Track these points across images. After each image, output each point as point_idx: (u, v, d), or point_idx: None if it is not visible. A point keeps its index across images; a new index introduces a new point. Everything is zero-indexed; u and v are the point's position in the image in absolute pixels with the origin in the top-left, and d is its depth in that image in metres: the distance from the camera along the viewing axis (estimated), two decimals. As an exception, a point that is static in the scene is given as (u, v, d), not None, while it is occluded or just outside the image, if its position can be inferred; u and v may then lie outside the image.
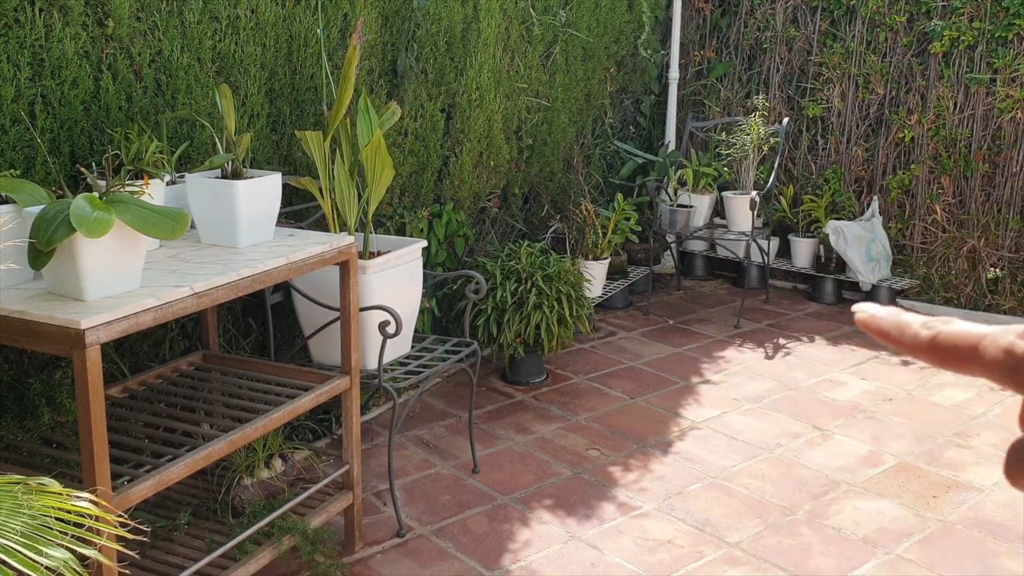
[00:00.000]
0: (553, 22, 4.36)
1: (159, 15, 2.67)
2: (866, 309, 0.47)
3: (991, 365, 0.42)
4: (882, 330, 0.46)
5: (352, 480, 2.62)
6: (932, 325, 0.45)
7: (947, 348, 0.44)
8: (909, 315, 0.46)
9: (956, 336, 0.44)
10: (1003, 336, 0.42)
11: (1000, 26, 4.49)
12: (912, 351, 0.45)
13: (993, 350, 0.42)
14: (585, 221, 4.43)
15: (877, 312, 0.47)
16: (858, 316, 0.47)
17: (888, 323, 0.46)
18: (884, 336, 0.46)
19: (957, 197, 4.76)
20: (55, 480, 1.35)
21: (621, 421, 3.56)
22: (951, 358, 0.44)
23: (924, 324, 0.45)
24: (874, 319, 0.46)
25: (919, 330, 0.45)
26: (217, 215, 2.33)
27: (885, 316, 0.46)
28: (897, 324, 0.46)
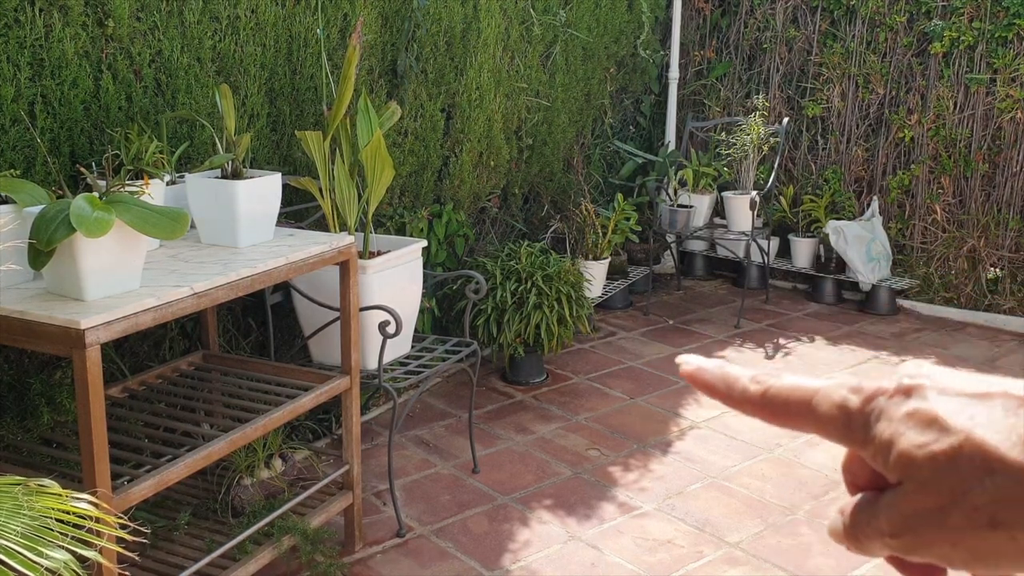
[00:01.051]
0: (553, 22, 4.36)
1: (159, 15, 2.67)
2: (691, 361, 0.44)
3: (824, 421, 0.40)
4: (709, 384, 0.43)
5: (352, 480, 2.62)
6: (761, 379, 0.42)
7: (779, 404, 0.42)
8: (736, 368, 0.43)
9: (787, 391, 0.41)
10: (836, 391, 0.40)
11: (1000, 26, 4.49)
12: (742, 407, 0.43)
13: (826, 406, 0.40)
14: (585, 221, 4.43)
15: (703, 364, 0.44)
16: (683, 369, 0.44)
17: (715, 377, 0.43)
18: (711, 391, 0.43)
19: (957, 197, 4.76)
20: (55, 480, 1.35)
21: (621, 421, 3.56)
22: (783, 414, 0.42)
23: (753, 378, 0.42)
24: (700, 372, 0.44)
25: (748, 384, 0.42)
26: (217, 215, 2.33)
27: (711, 369, 0.43)
28: (724, 378, 0.43)
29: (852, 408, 0.39)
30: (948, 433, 0.36)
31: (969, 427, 0.36)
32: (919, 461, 0.37)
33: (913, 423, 0.38)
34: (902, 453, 0.37)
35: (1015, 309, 4.62)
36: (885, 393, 0.39)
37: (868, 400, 0.39)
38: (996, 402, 0.37)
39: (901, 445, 0.37)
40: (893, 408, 0.39)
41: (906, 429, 0.38)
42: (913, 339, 4.48)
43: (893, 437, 0.38)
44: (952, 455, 0.36)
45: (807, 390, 0.41)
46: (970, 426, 0.36)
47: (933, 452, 0.36)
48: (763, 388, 0.42)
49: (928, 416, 0.37)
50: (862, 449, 0.39)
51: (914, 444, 0.37)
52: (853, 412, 0.39)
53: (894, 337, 4.50)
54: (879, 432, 0.38)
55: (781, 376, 0.42)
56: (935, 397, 0.38)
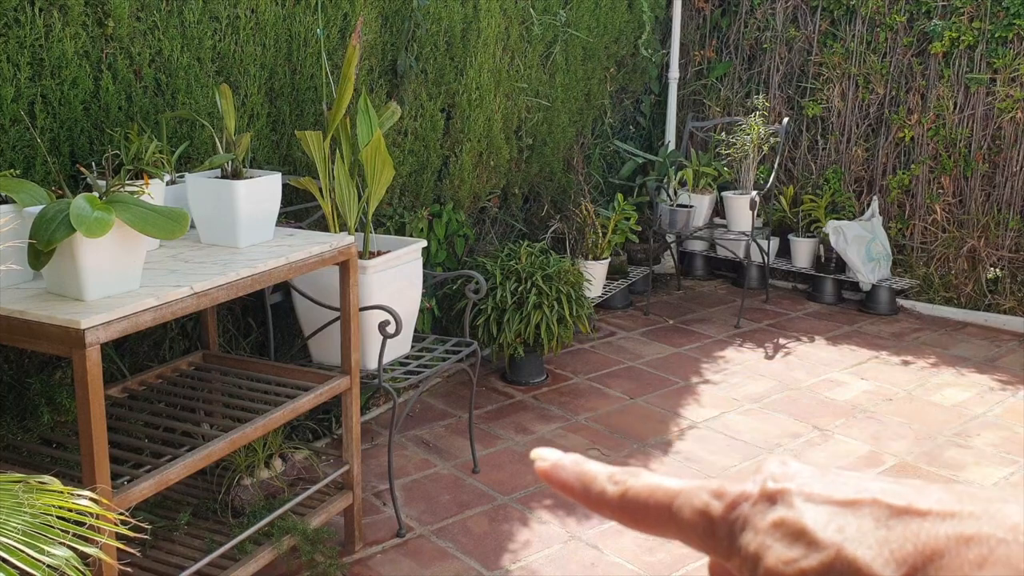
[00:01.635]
0: (553, 22, 4.36)
1: (159, 15, 2.67)
2: (547, 457, 0.41)
3: (686, 528, 0.37)
4: (565, 483, 0.40)
5: (352, 480, 2.62)
6: (620, 479, 0.39)
7: (639, 508, 0.39)
8: (594, 465, 0.40)
9: (647, 492, 0.38)
10: (697, 495, 0.37)
11: (1000, 26, 4.49)
12: (599, 509, 0.40)
13: (687, 512, 0.37)
14: (585, 221, 4.43)
15: (559, 461, 0.41)
16: (538, 465, 0.41)
17: (571, 474, 0.40)
18: (569, 491, 0.40)
19: (957, 197, 4.76)
20: (55, 479, 1.35)
21: (621, 421, 3.56)
22: (643, 519, 0.39)
23: (610, 477, 0.39)
24: (555, 470, 0.40)
25: (605, 485, 0.39)
26: (217, 215, 2.33)
27: (567, 467, 0.40)
28: (580, 477, 0.40)
29: (715, 515, 0.37)
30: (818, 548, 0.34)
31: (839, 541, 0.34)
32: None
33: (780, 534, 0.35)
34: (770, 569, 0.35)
35: (1015, 309, 4.62)
36: (749, 499, 0.36)
37: (731, 507, 0.36)
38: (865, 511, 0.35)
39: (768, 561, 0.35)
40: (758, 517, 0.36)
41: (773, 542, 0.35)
42: (913, 339, 4.47)
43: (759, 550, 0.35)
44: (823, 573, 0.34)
45: (667, 493, 0.38)
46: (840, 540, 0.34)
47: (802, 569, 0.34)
48: (621, 490, 0.39)
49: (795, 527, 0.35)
50: (727, 560, 0.37)
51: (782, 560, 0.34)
52: (716, 520, 0.37)
53: (894, 337, 4.49)
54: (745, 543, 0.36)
55: (640, 475, 0.39)
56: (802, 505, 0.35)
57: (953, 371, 4.08)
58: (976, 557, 0.31)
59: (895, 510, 0.34)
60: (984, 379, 4.00)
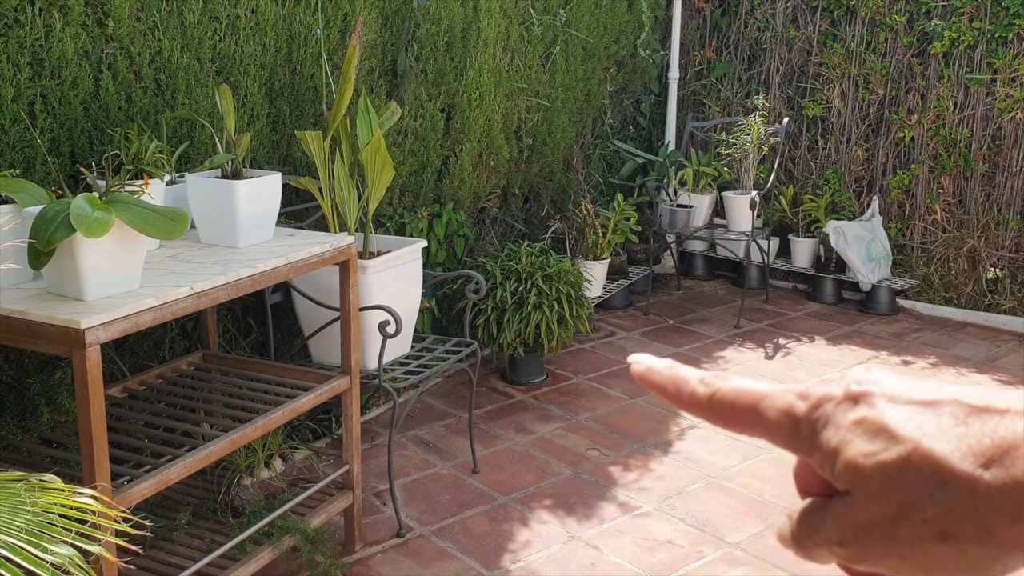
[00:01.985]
0: (553, 22, 4.36)
1: (159, 15, 2.67)
2: (641, 361, 0.43)
3: (771, 427, 0.39)
4: (658, 385, 0.42)
5: (352, 480, 2.62)
6: (710, 382, 0.41)
7: (726, 408, 0.41)
8: (686, 369, 0.42)
9: (735, 394, 0.40)
10: (782, 397, 0.39)
11: (1000, 26, 4.49)
12: (690, 409, 0.42)
13: (772, 412, 0.39)
14: (585, 221, 4.43)
15: (654, 365, 0.43)
16: (634, 368, 0.43)
17: (665, 377, 0.42)
18: (661, 392, 0.42)
19: (957, 197, 4.76)
20: (55, 479, 1.35)
21: (621, 421, 3.56)
22: (731, 418, 0.41)
23: (702, 380, 0.41)
24: (650, 372, 0.43)
25: (696, 387, 0.41)
26: (217, 215, 2.33)
27: (661, 370, 0.42)
28: (674, 379, 0.42)
29: (799, 414, 0.38)
30: (897, 442, 0.35)
31: (918, 436, 0.35)
32: (867, 471, 0.36)
33: (861, 431, 0.36)
34: (849, 462, 0.36)
35: (1015, 309, 4.62)
36: (833, 400, 0.38)
37: (815, 407, 0.38)
38: (945, 410, 0.36)
39: (848, 453, 0.36)
40: (840, 415, 0.37)
41: (854, 437, 0.36)
42: (913, 339, 4.48)
43: (840, 445, 0.37)
44: (901, 465, 0.35)
45: (754, 394, 0.40)
46: (919, 435, 0.35)
47: (882, 462, 0.35)
48: (711, 391, 0.41)
49: (876, 424, 0.36)
50: (809, 456, 0.39)
51: (862, 453, 0.36)
52: (800, 418, 0.38)
53: (894, 337, 4.49)
54: (826, 439, 0.37)
55: (729, 379, 0.41)
56: (883, 404, 0.37)
57: (953, 371, 4.08)
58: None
59: (974, 408, 0.35)
60: (984, 379, 4.00)
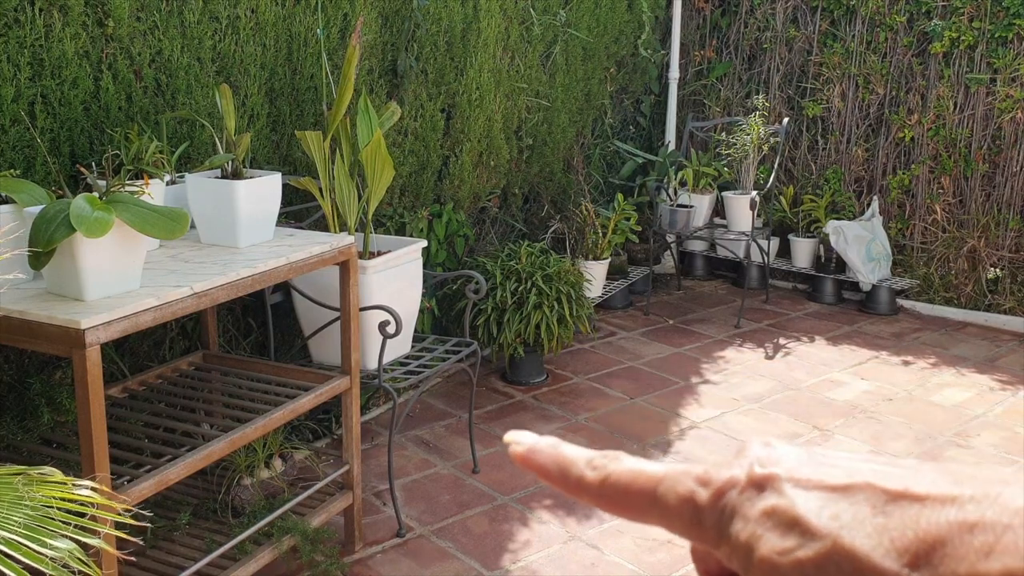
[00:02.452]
0: (553, 22, 4.36)
1: (159, 15, 2.67)
2: (522, 441, 0.39)
3: (671, 515, 0.36)
4: (542, 468, 0.38)
5: (352, 480, 2.62)
6: (599, 464, 0.38)
7: (619, 494, 0.37)
8: (572, 450, 0.38)
9: (629, 478, 0.37)
10: (682, 481, 0.36)
11: (1000, 26, 4.49)
12: (579, 495, 0.38)
13: (672, 498, 0.36)
14: (585, 221, 4.43)
15: (535, 445, 0.39)
16: (512, 449, 0.39)
17: (548, 459, 0.38)
18: (546, 476, 0.38)
19: (957, 197, 4.76)
20: (55, 476, 1.34)
21: (621, 421, 3.56)
22: (625, 505, 0.37)
23: (589, 463, 0.38)
24: (531, 454, 0.38)
25: (584, 471, 0.38)
26: (217, 215, 2.33)
27: (544, 450, 0.38)
28: (559, 462, 0.38)
29: (701, 503, 0.35)
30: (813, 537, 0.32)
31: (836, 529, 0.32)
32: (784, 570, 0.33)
33: (772, 524, 0.33)
34: (763, 559, 0.33)
35: (1015, 309, 4.62)
36: (736, 486, 0.35)
37: (718, 495, 0.35)
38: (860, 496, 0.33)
39: (762, 551, 0.33)
40: (747, 505, 0.34)
41: (764, 531, 0.33)
42: (913, 339, 4.47)
43: (751, 540, 0.34)
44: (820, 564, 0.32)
45: (650, 478, 0.37)
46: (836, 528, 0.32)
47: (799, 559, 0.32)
48: (601, 476, 0.38)
49: (788, 516, 0.33)
50: (715, 548, 0.35)
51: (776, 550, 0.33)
52: (703, 508, 0.35)
53: (894, 337, 4.49)
54: (735, 532, 0.34)
55: (621, 460, 0.38)
56: (792, 492, 0.34)
57: (953, 371, 4.08)
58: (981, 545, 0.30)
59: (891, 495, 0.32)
60: (984, 379, 4.00)
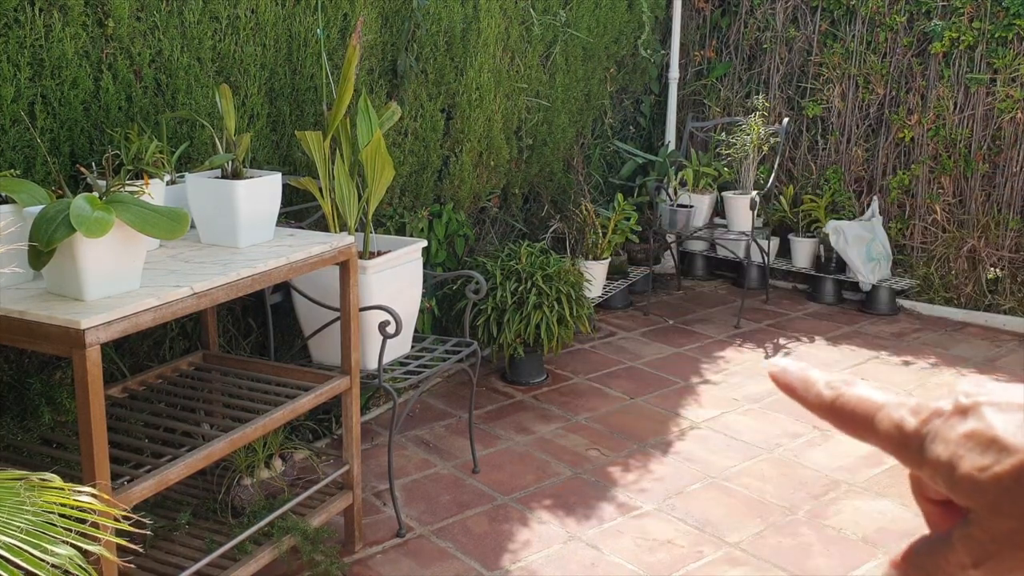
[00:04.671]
0: (553, 22, 4.36)
1: (159, 15, 2.67)
2: (777, 363, 0.46)
3: (883, 438, 0.41)
4: (789, 385, 0.45)
5: (352, 480, 2.62)
6: (835, 386, 0.43)
7: (846, 413, 0.43)
8: (815, 373, 0.45)
9: (855, 402, 0.42)
10: (896, 410, 0.41)
11: (1000, 26, 4.49)
12: (814, 409, 0.44)
13: (886, 423, 0.41)
14: (585, 221, 4.43)
15: (788, 367, 0.45)
16: (770, 371, 0.46)
17: (795, 378, 0.45)
18: (791, 391, 0.45)
19: (957, 197, 4.76)
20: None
21: (621, 421, 3.56)
22: (849, 423, 0.43)
23: (828, 384, 0.44)
24: (783, 374, 0.45)
25: (822, 389, 0.44)
26: (217, 215, 2.33)
27: (793, 371, 0.45)
28: (803, 380, 0.45)
29: (908, 429, 0.40)
30: (1008, 453, 0.36)
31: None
32: (983, 484, 0.37)
33: (971, 444, 0.37)
34: (964, 476, 0.37)
35: (1015, 309, 4.62)
36: (941, 415, 0.39)
37: (925, 422, 0.39)
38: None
39: (962, 468, 0.37)
40: (948, 429, 0.38)
41: (965, 451, 0.37)
42: (913, 339, 4.47)
43: (952, 460, 0.38)
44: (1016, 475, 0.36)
45: (872, 405, 0.42)
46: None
47: (996, 474, 0.36)
48: (834, 395, 0.43)
49: (986, 436, 0.37)
50: (918, 469, 0.40)
51: (975, 467, 0.37)
52: (909, 433, 0.40)
53: (894, 337, 4.49)
54: (936, 454, 0.38)
55: (854, 385, 0.43)
56: (992, 415, 0.38)
57: (953, 371, 4.08)
58: None
59: None
60: (984, 380, 3.99)
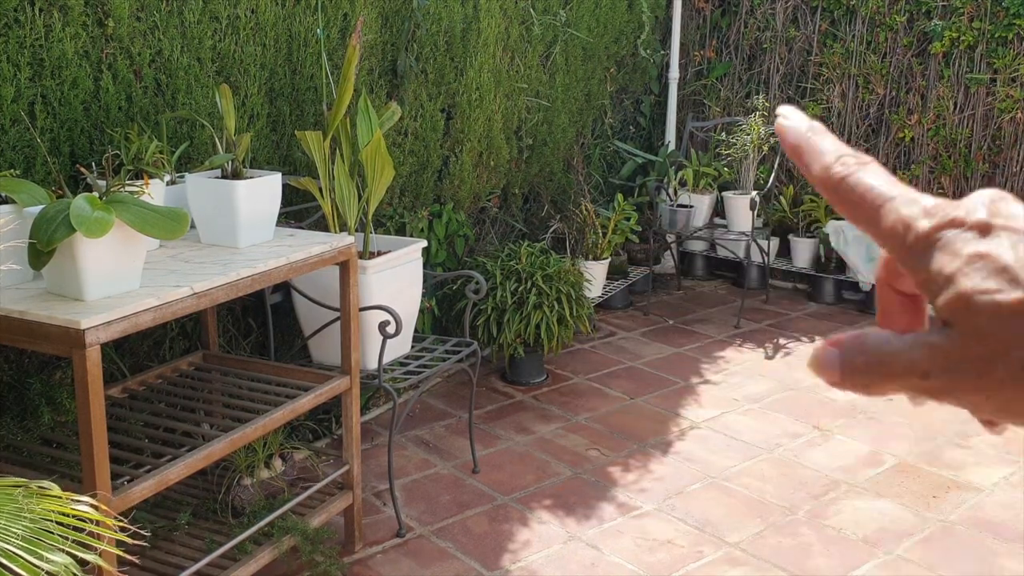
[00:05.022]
0: (553, 22, 4.36)
1: (159, 15, 2.67)
2: (789, 116, 0.41)
3: (886, 232, 0.38)
4: (795, 147, 0.40)
5: (352, 480, 2.62)
6: (847, 162, 0.39)
7: (852, 196, 0.39)
8: (828, 141, 0.40)
9: (863, 187, 0.38)
10: (909, 206, 0.37)
11: (1000, 26, 4.49)
12: (818, 183, 0.40)
13: (892, 217, 0.37)
14: (585, 221, 4.43)
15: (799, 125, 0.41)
16: (778, 122, 0.41)
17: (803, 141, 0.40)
18: (795, 153, 0.40)
19: (957, 197, 4.75)
20: (55, 480, 1.34)
21: (621, 421, 3.56)
22: (851, 206, 0.39)
23: (840, 159, 0.39)
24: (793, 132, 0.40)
25: (832, 163, 0.39)
26: (217, 215, 2.33)
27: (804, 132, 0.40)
28: (814, 147, 0.40)
29: (918, 230, 0.37)
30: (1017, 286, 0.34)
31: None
32: (979, 307, 0.34)
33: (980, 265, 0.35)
34: (962, 294, 0.35)
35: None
36: (960, 225, 0.36)
37: (938, 227, 0.36)
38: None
39: (962, 286, 0.35)
40: (961, 243, 0.36)
41: (971, 270, 0.35)
42: (913, 339, 4.47)
43: (955, 275, 0.35)
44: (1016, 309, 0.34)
45: (880, 196, 0.38)
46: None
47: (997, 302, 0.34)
48: (844, 174, 0.39)
49: (999, 263, 0.35)
50: (913, 273, 0.37)
51: (978, 289, 0.35)
52: (918, 235, 0.37)
53: (894, 337, 4.49)
54: (940, 264, 0.36)
55: (867, 167, 0.39)
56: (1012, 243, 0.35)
57: (953, 371, 4.07)
58: None
59: None
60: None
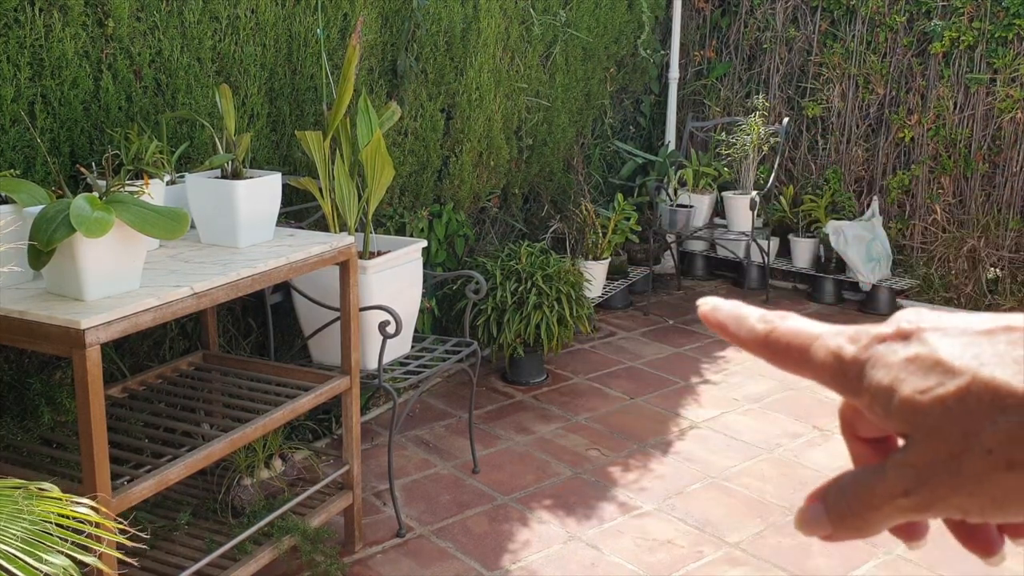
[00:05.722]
0: (553, 22, 4.36)
1: (159, 15, 2.67)
2: (708, 302, 0.44)
3: (818, 368, 0.39)
4: (720, 323, 0.43)
5: (352, 480, 2.62)
6: (768, 320, 0.42)
7: (781, 346, 0.41)
8: (748, 308, 0.43)
9: (790, 334, 0.41)
10: (833, 339, 0.39)
11: (1000, 26, 4.49)
12: (748, 346, 0.42)
13: (822, 353, 0.39)
14: (585, 221, 4.43)
15: (719, 305, 0.44)
16: (700, 310, 0.44)
17: (726, 315, 0.43)
18: (722, 330, 0.43)
19: (957, 197, 4.76)
20: (55, 481, 1.34)
21: (621, 421, 3.56)
22: (783, 357, 0.41)
23: (761, 318, 0.42)
24: (714, 312, 0.43)
25: (755, 324, 0.42)
26: (217, 215, 2.33)
27: (725, 309, 0.43)
28: (736, 317, 0.43)
29: (847, 356, 0.38)
30: (953, 375, 0.34)
31: (975, 366, 0.34)
32: (924, 407, 0.35)
33: (914, 368, 0.35)
34: (905, 400, 0.35)
35: (1015, 309, 4.62)
36: (882, 340, 0.37)
37: (865, 348, 0.38)
38: (1000, 338, 0.35)
39: (903, 392, 0.35)
40: (890, 354, 0.37)
41: (907, 375, 0.36)
42: (913, 339, 4.47)
43: (893, 384, 0.36)
44: (960, 397, 0.34)
45: (807, 336, 0.40)
46: (976, 365, 0.34)
47: (939, 396, 0.34)
48: (768, 329, 0.41)
49: (930, 359, 0.35)
50: (856, 398, 0.38)
51: (917, 390, 0.35)
52: (847, 360, 0.38)
53: (894, 337, 4.49)
54: (876, 379, 0.37)
55: (788, 318, 0.41)
56: (936, 339, 0.36)
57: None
58: None
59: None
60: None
